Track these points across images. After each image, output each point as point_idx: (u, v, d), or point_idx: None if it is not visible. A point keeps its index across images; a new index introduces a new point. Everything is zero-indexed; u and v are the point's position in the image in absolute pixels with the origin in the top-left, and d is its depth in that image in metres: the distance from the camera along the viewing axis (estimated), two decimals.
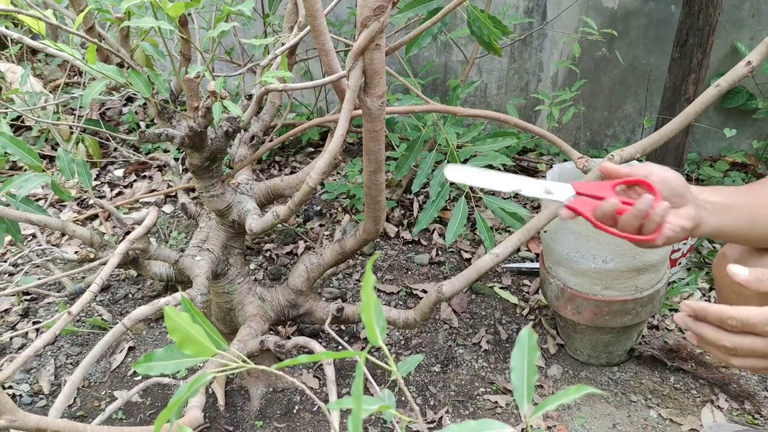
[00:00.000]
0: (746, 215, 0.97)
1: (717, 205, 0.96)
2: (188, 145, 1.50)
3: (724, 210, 0.96)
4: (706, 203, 0.96)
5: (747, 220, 0.97)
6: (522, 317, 2.09)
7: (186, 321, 0.75)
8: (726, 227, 0.98)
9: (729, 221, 0.97)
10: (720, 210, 0.96)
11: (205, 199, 1.63)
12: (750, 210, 0.97)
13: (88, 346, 2.01)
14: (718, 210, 0.96)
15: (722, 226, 0.97)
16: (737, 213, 0.97)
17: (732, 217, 0.97)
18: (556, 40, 2.83)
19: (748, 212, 0.97)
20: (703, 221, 0.95)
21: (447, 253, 2.38)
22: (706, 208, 0.96)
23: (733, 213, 0.97)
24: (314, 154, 3.02)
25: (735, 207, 0.97)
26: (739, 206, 0.97)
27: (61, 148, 1.40)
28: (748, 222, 0.97)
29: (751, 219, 0.97)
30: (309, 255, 1.76)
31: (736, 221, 0.97)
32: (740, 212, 0.96)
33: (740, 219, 0.97)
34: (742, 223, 0.97)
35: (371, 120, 1.43)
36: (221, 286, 1.72)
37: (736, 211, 0.97)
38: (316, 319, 1.81)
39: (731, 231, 0.99)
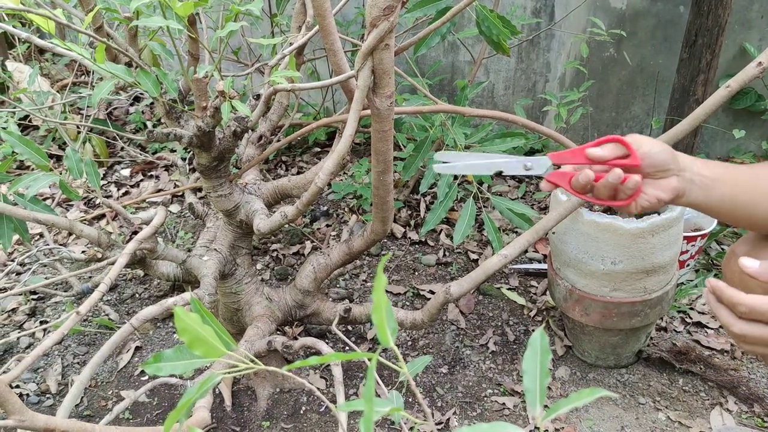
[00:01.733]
0: (729, 195, 0.96)
1: (706, 179, 0.95)
2: (196, 144, 1.49)
3: (711, 186, 0.95)
4: (695, 175, 0.95)
5: (730, 199, 0.97)
6: (529, 318, 2.08)
7: (196, 321, 0.75)
8: (710, 203, 0.97)
9: (714, 197, 0.96)
10: (707, 186, 0.95)
11: (212, 199, 1.63)
12: (733, 190, 0.96)
13: (95, 345, 2.01)
14: (705, 185, 0.95)
15: (706, 201, 0.97)
16: (723, 191, 0.96)
17: (718, 195, 0.96)
18: (564, 41, 2.82)
19: (731, 192, 0.96)
20: (687, 193, 0.95)
21: (454, 253, 2.38)
22: (694, 180, 0.95)
23: (719, 190, 0.96)
24: (321, 154, 3.01)
25: (722, 184, 0.96)
26: (727, 184, 0.96)
27: (70, 147, 1.40)
28: (730, 202, 0.97)
29: (733, 199, 0.97)
30: (316, 255, 1.75)
31: (721, 199, 0.97)
32: (726, 190, 0.96)
33: (724, 197, 0.96)
34: (726, 201, 0.97)
35: (380, 120, 1.42)
36: (229, 286, 1.72)
37: (723, 189, 0.96)
38: (323, 320, 1.80)
39: (714, 207, 0.99)
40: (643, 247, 1.62)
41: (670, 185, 0.93)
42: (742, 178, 0.96)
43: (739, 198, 0.96)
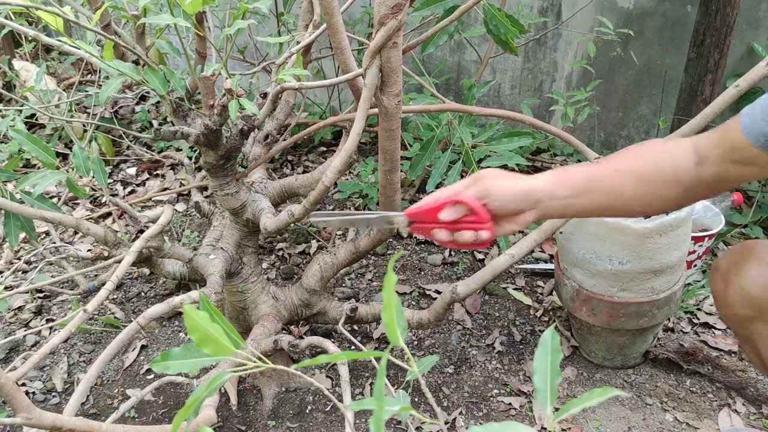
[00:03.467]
0: (586, 207, 1.02)
1: (561, 201, 1.00)
2: (203, 143, 1.49)
3: (568, 205, 1.00)
4: (551, 202, 0.99)
5: (586, 210, 1.03)
6: (536, 319, 2.08)
7: (205, 320, 0.75)
8: (568, 215, 1.06)
9: (571, 212, 1.03)
10: (564, 206, 1.00)
11: (219, 197, 1.62)
12: (588, 201, 1.01)
13: (101, 344, 2.01)
14: (561, 206, 1.00)
15: (565, 215, 1.05)
16: (580, 205, 1.01)
17: (574, 211, 1.02)
18: (571, 40, 2.81)
19: (587, 203, 1.01)
20: (545, 216, 1.02)
21: (460, 253, 2.37)
22: (551, 206, 1.00)
23: (575, 207, 1.01)
24: (327, 153, 3.01)
25: (578, 199, 1.00)
26: (582, 198, 1.00)
27: (77, 145, 1.40)
28: (587, 211, 1.04)
29: (589, 209, 1.03)
30: (323, 254, 1.75)
31: (578, 212, 1.03)
32: (582, 203, 1.01)
33: (582, 210, 1.03)
34: (583, 212, 1.04)
35: (387, 119, 1.42)
36: (235, 285, 1.71)
37: (579, 204, 1.01)
38: (329, 319, 1.80)
39: (572, 216, 1.13)
40: (651, 247, 1.61)
41: (526, 220, 1.00)
42: (594, 185, 1.01)
43: (593, 205, 1.01)
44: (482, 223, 0.98)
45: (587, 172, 1.02)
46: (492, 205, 0.98)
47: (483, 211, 0.97)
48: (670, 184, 1.00)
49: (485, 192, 0.97)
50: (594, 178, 1.01)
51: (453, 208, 0.99)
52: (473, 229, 0.99)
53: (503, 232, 1.01)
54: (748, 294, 1.29)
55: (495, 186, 0.98)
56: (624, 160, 1.03)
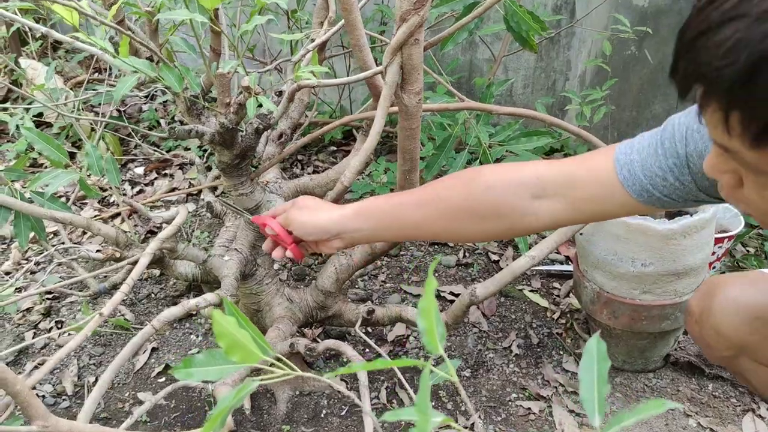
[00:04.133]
0: (389, 235, 1.22)
1: (365, 232, 1.14)
2: (218, 142, 1.46)
3: (372, 235, 1.17)
4: (354, 233, 1.14)
5: (391, 235, 1.25)
6: (553, 321, 2.04)
7: (233, 326, 0.72)
8: (375, 240, 1.42)
9: (378, 238, 1.27)
10: (368, 236, 1.17)
11: (233, 197, 1.59)
12: (390, 232, 1.18)
13: (111, 346, 1.98)
14: (366, 236, 1.16)
15: (372, 240, 1.43)
16: (384, 236, 1.22)
17: (380, 237, 1.24)
18: (585, 39, 2.78)
19: (389, 234, 1.21)
20: (354, 242, 1.17)
21: (474, 254, 2.34)
22: (356, 236, 1.15)
23: (380, 236, 1.22)
24: (337, 153, 2.98)
25: (382, 232, 1.16)
26: (385, 231, 1.16)
27: (89, 143, 1.37)
28: (392, 236, 1.28)
29: (395, 235, 1.24)
30: (338, 256, 1.72)
31: (384, 237, 1.27)
32: (387, 235, 1.20)
33: (387, 236, 1.23)
34: (389, 236, 1.27)
35: (407, 117, 1.39)
36: (249, 287, 1.68)
37: (384, 235, 1.20)
38: (344, 322, 1.77)
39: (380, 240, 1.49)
40: (674, 248, 1.58)
41: (334, 245, 1.16)
42: (397, 217, 1.13)
43: (401, 235, 1.23)
44: (286, 243, 1.20)
45: (391, 204, 1.13)
46: (294, 232, 1.17)
47: (285, 235, 1.18)
48: (486, 218, 1.06)
49: (287, 221, 1.17)
50: (396, 211, 1.11)
51: (267, 228, 1.20)
52: (283, 246, 1.22)
53: (324, 250, 1.19)
54: (722, 335, 1.27)
55: (296, 218, 1.15)
56: (432, 191, 1.11)
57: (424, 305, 0.65)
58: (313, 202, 1.18)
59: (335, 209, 1.15)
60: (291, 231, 1.18)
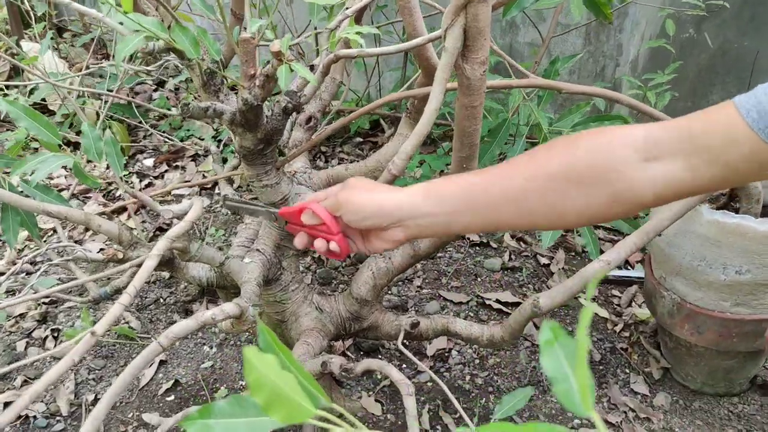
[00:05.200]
0: (474, 223, 0.87)
1: (438, 218, 0.87)
2: (240, 122, 1.24)
3: (448, 222, 0.87)
4: (424, 220, 0.87)
5: (477, 224, 0.88)
6: (615, 334, 1.81)
7: (273, 369, 0.48)
8: (454, 231, 0.96)
9: (457, 228, 0.89)
10: (443, 223, 0.87)
11: (256, 189, 1.37)
12: (475, 218, 0.86)
13: (113, 358, 1.77)
14: (440, 223, 0.87)
15: (449, 232, 0.93)
16: (464, 221, 0.87)
17: (460, 226, 0.88)
18: (638, 20, 2.54)
19: (473, 220, 0.86)
20: (421, 234, 0.90)
21: (521, 257, 2.11)
22: (424, 224, 0.87)
23: (460, 223, 0.87)
24: (363, 145, 2.76)
25: (462, 215, 0.86)
26: (467, 214, 0.86)
27: (86, 123, 1.15)
28: (478, 225, 0.89)
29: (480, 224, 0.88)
30: (375, 258, 1.49)
31: (466, 227, 0.88)
32: (467, 219, 0.87)
33: (470, 225, 0.88)
34: (473, 226, 0.89)
35: (469, 92, 1.17)
36: (273, 293, 1.46)
37: (463, 219, 0.87)
38: (381, 335, 1.54)
39: (461, 232, 0.99)
40: None
41: (393, 237, 0.89)
42: (478, 198, 0.85)
43: (483, 222, 0.86)
44: (331, 234, 0.93)
45: (471, 182, 0.86)
46: (345, 218, 0.90)
47: (332, 223, 0.92)
48: (590, 185, 0.79)
49: (339, 204, 0.90)
50: (480, 188, 0.85)
51: (307, 213, 0.95)
52: (325, 239, 0.94)
53: (373, 249, 0.93)
54: None
55: (349, 199, 0.90)
56: (523, 162, 0.85)
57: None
58: (369, 183, 0.94)
59: (398, 190, 0.89)
60: (339, 218, 0.93)
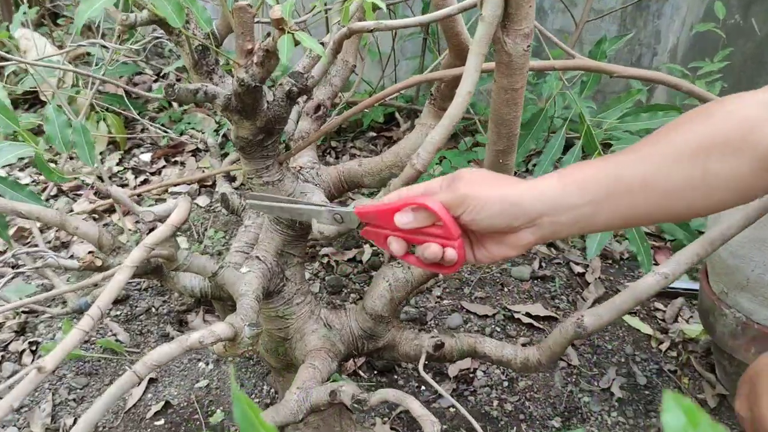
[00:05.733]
0: (619, 216, 0.70)
1: (577, 213, 0.70)
2: (235, 108, 1.06)
3: (590, 215, 0.70)
4: (560, 216, 0.70)
5: (622, 219, 0.71)
6: (660, 353, 1.62)
7: None
8: (596, 229, 0.73)
9: (599, 224, 0.71)
10: (583, 216, 0.70)
11: (256, 187, 1.19)
12: (621, 209, 0.69)
13: (98, 375, 1.59)
14: (579, 217, 0.70)
15: (591, 229, 0.73)
16: (608, 213, 0.70)
17: (602, 222, 0.71)
18: (679, 5, 2.35)
19: (619, 212, 0.70)
20: (554, 235, 0.72)
21: (552, 264, 1.92)
22: (560, 221, 0.70)
23: (603, 216, 0.70)
24: (376, 140, 2.57)
25: (605, 206, 0.69)
26: (610, 204, 0.70)
27: (51, 106, 0.98)
28: (624, 220, 0.71)
29: (627, 217, 0.70)
30: (392, 268, 1.31)
31: (608, 223, 0.71)
32: (611, 212, 0.70)
33: (612, 220, 0.70)
34: (617, 222, 0.71)
35: (510, 72, 0.98)
36: (274, 307, 1.28)
37: (607, 211, 0.70)
38: (399, 355, 1.36)
39: (603, 229, 0.75)
40: None
41: (521, 241, 0.71)
42: (627, 185, 0.68)
43: (633, 211, 0.69)
44: (449, 239, 0.74)
45: (615, 165, 0.69)
46: (467, 217, 0.72)
47: (452, 224, 0.73)
48: (731, 155, 0.64)
49: (461, 199, 0.72)
50: (624, 172, 0.68)
51: (413, 213, 0.75)
52: (441, 244, 0.74)
53: (489, 257, 0.75)
54: None
55: (475, 193, 0.71)
56: (664, 137, 0.68)
57: None
58: (481, 174, 0.75)
59: (525, 182, 0.73)
60: (459, 216, 0.73)
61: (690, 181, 0.65)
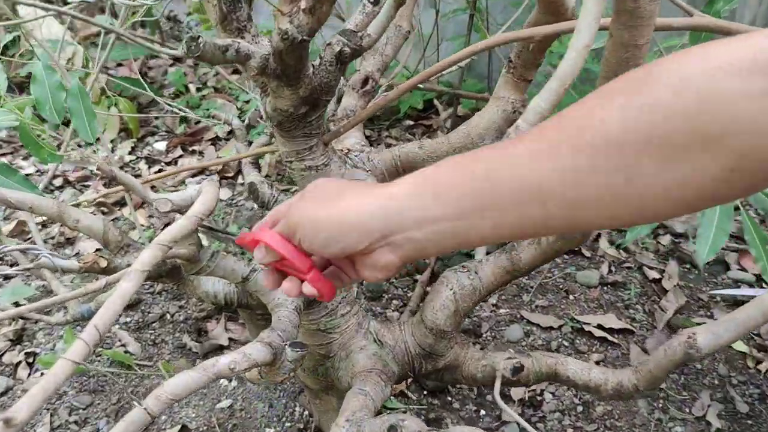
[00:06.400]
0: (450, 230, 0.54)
1: (445, 227, 0.53)
2: (274, 72, 0.86)
3: (462, 229, 0.53)
4: (420, 230, 0.54)
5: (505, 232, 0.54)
6: (760, 375, 1.40)
7: None
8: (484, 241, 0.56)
9: (475, 238, 0.54)
10: (452, 231, 0.54)
11: (296, 173, 0.99)
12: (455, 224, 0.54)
13: (104, 393, 1.39)
14: (448, 232, 0.54)
15: (470, 243, 0.55)
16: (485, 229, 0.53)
17: (476, 236, 0.54)
18: None
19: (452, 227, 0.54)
20: (424, 251, 0.56)
21: (622, 269, 1.69)
22: (422, 238, 0.54)
23: (478, 231, 0.53)
24: (414, 128, 2.36)
25: (484, 217, 0.52)
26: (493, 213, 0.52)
27: (41, 61, 0.77)
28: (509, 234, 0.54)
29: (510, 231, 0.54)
30: (456, 273, 1.10)
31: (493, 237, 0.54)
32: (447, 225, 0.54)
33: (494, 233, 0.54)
34: (502, 235, 0.54)
35: (633, 23, 0.79)
36: (315, 320, 1.08)
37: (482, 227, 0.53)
38: (464, 377, 1.14)
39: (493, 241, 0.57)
40: None
41: (381, 262, 0.56)
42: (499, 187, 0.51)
43: (507, 222, 0.52)
44: (300, 272, 0.61)
45: (489, 161, 0.52)
46: (305, 246, 0.59)
47: (296, 256, 0.60)
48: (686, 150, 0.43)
49: (293, 226, 0.59)
50: (503, 172, 0.50)
51: (261, 248, 0.63)
52: (297, 277, 0.62)
53: (367, 279, 0.61)
54: None
55: (305, 214, 0.59)
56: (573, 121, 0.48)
57: None
58: (336, 185, 0.60)
59: (378, 189, 0.57)
60: (302, 245, 0.59)
61: (610, 189, 0.46)
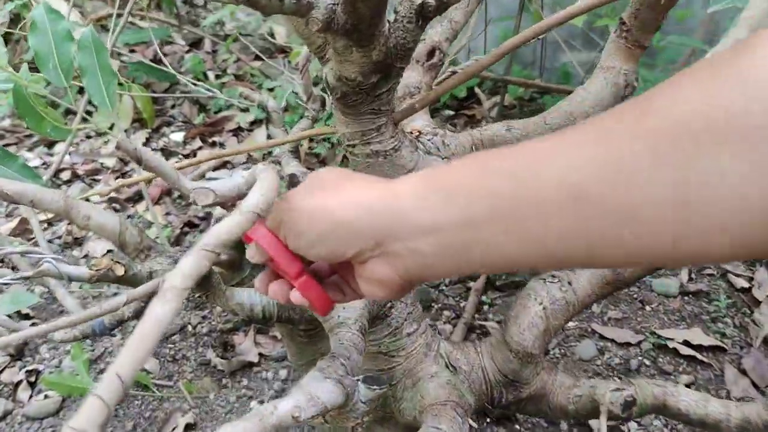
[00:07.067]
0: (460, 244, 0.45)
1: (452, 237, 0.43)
2: (343, 27, 0.68)
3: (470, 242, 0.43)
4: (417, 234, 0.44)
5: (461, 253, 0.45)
6: None
7: None
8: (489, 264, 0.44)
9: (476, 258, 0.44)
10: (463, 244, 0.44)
11: (359, 159, 0.81)
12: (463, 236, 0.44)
13: (117, 418, 1.21)
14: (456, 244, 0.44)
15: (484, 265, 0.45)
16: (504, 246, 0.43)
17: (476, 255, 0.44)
18: None
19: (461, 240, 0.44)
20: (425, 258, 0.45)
21: (704, 276, 1.50)
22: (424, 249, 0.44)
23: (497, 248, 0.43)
24: (456, 118, 2.17)
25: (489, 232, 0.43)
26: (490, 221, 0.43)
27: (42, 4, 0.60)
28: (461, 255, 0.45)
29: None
30: (546, 284, 0.92)
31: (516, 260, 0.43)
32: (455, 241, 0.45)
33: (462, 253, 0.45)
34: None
35: None
36: (376, 340, 0.89)
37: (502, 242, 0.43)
38: (552, 409, 0.96)
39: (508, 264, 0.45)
40: None
41: (375, 275, 0.47)
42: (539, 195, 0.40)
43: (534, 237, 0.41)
44: (288, 275, 0.52)
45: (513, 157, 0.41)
46: (289, 244, 0.50)
47: (285, 257, 0.51)
48: None
49: (277, 219, 0.50)
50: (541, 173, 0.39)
51: (250, 245, 0.53)
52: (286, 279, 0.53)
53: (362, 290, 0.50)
54: None
55: (295, 206, 0.49)
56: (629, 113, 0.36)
57: None
58: (336, 176, 0.50)
59: (382, 183, 0.47)
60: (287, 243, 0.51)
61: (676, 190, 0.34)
